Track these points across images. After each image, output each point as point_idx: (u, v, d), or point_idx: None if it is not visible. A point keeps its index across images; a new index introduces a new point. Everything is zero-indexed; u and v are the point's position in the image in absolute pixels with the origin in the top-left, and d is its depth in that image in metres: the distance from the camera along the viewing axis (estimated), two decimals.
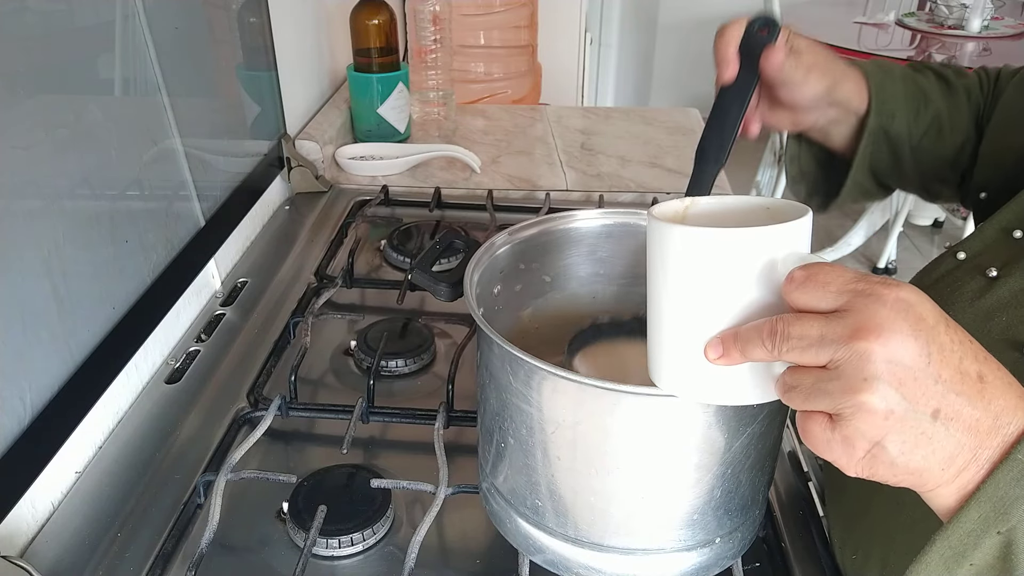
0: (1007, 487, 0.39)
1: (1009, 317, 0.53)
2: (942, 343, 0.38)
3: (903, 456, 0.39)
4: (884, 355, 0.37)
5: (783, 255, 0.42)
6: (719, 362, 0.43)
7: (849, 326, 0.38)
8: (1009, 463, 0.39)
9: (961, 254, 0.59)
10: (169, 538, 0.64)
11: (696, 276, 0.43)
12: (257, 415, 0.76)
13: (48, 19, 0.65)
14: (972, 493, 0.39)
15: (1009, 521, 0.39)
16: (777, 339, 0.40)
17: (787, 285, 0.40)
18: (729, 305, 0.43)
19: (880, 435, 0.38)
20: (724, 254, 0.42)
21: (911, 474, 0.40)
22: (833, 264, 0.40)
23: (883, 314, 0.38)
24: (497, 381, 0.53)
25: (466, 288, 0.55)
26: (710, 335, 0.43)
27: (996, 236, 0.57)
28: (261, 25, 1.08)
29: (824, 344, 0.39)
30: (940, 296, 0.57)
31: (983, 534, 0.39)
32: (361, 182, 1.27)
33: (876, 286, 0.38)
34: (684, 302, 0.44)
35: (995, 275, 0.55)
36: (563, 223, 0.64)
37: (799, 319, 0.40)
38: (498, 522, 0.60)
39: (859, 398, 0.38)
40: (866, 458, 0.39)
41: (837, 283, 0.39)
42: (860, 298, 0.38)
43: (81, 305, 0.68)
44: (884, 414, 0.38)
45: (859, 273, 0.39)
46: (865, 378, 0.38)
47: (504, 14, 1.73)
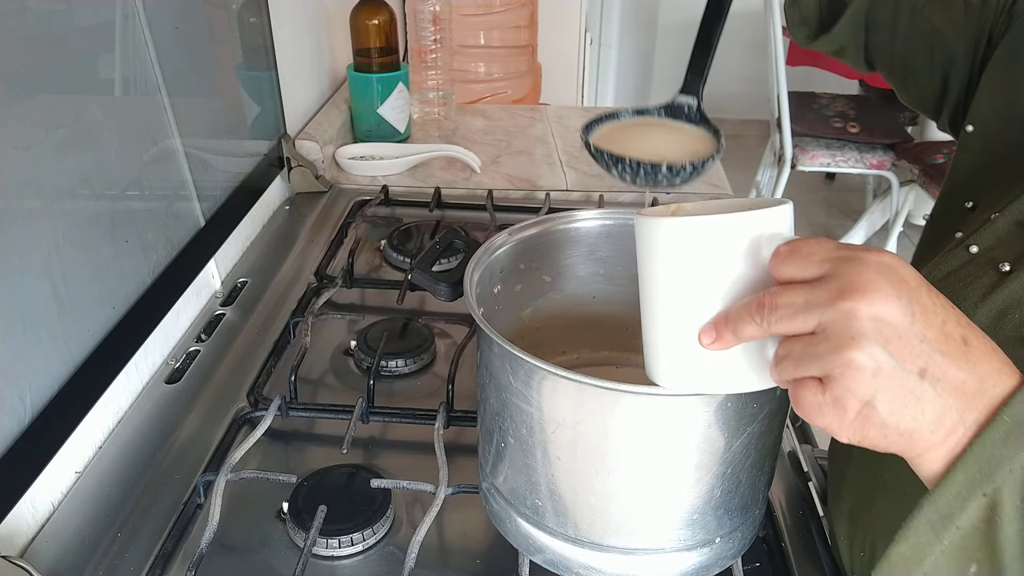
0: (992, 448, 0.39)
1: (1022, 314, 0.52)
2: (925, 304, 0.39)
3: (893, 416, 0.39)
4: (869, 313, 0.38)
5: (767, 239, 0.43)
6: (714, 346, 0.43)
7: (833, 289, 0.39)
8: (995, 425, 0.39)
9: (974, 247, 0.57)
10: (169, 538, 0.64)
11: (685, 265, 0.44)
12: (257, 415, 0.76)
13: (48, 19, 0.65)
14: (959, 456, 0.40)
15: (994, 482, 0.39)
16: (765, 311, 0.41)
17: (773, 260, 0.41)
18: (719, 291, 0.44)
19: (869, 394, 0.39)
20: (710, 241, 0.43)
21: (901, 435, 0.40)
22: (815, 237, 0.41)
23: (866, 275, 0.38)
24: (497, 381, 0.53)
25: (466, 288, 0.55)
26: (703, 322, 0.44)
27: (1010, 229, 0.56)
28: (261, 25, 1.08)
29: (811, 309, 0.39)
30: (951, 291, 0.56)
31: (969, 496, 0.40)
32: (361, 182, 1.27)
33: (858, 251, 0.40)
34: (675, 294, 0.45)
35: (1008, 269, 0.54)
36: (563, 223, 0.64)
37: (785, 289, 0.41)
38: (498, 522, 0.60)
39: (847, 355, 0.38)
40: (857, 419, 0.40)
41: (820, 252, 0.40)
42: (843, 263, 0.39)
43: (81, 305, 0.68)
44: (872, 371, 0.38)
45: (842, 243, 0.41)
46: (852, 336, 0.38)
47: (504, 14, 1.73)
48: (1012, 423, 0.39)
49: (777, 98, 2.62)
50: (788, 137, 2.64)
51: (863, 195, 3.23)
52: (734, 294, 0.43)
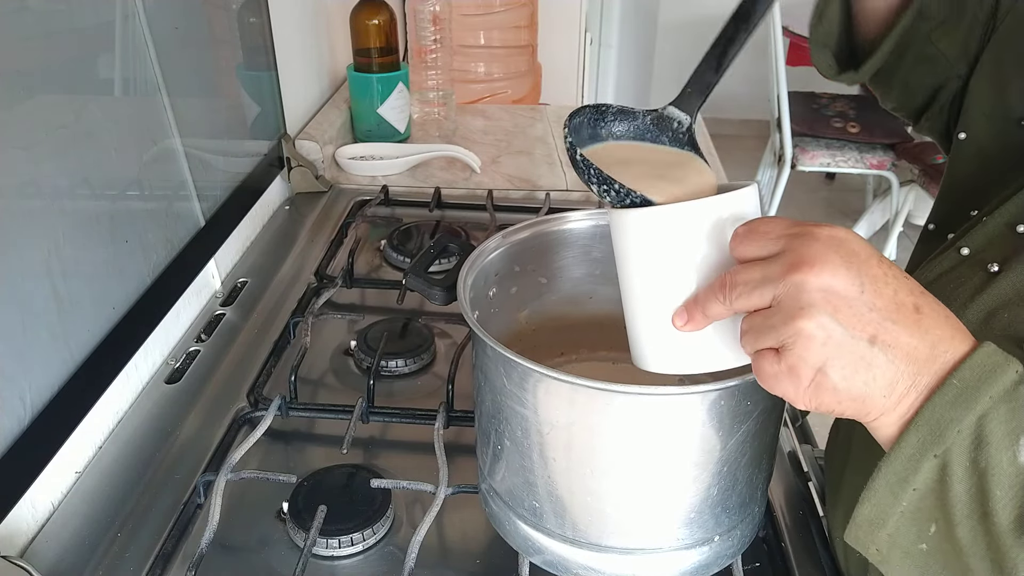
0: (942, 410, 0.40)
1: (1011, 314, 0.53)
2: (875, 275, 0.41)
3: (845, 382, 0.41)
4: (817, 284, 0.40)
5: (731, 221, 0.45)
6: (687, 328, 0.46)
7: (785, 263, 0.41)
8: (945, 388, 0.40)
9: (965, 249, 0.58)
10: (169, 538, 0.64)
11: (654, 253, 0.47)
12: (257, 415, 0.76)
13: (48, 19, 0.65)
14: (911, 419, 0.41)
15: (944, 443, 0.41)
16: (727, 290, 0.43)
17: (732, 241, 0.44)
18: (688, 275, 0.46)
19: (821, 360, 0.41)
20: (676, 228, 0.46)
21: (854, 400, 0.41)
22: (773, 216, 0.43)
23: (816, 248, 0.40)
24: (492, 384, 0.53)
25: (459, 293, 0.55)
26: (675, 307, 0.46)
27: (1000, 230, 0.57)
28: (261, 25, 1.08)
29: (766, 283, 0.42)
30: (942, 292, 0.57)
31: (922, 458, 0.41)
32: (361, 182, 1.27)
33: (810, 226, 0.42)
34: (648, 280, 0.47)
35: (996, 270, 0.55)
36: (556, 225, 0.64)
37: (744, 267, 0.43)
38: (497, 523, 0.60)
39: (797, 324, 0.40)
40: (811, 386, 0.41)
41: (775, 230, 0.42)
42: (795, 239, 0.41)
43: (81, 305, 0.69)
44: (822, 340, 0.40)
45: (796, 221, 0.42)
46: (801, 306, 0.40)
47: (504, 14, 1.73)
48: (961, 387, 0.40)
49: (777, 98, 2.62)
50: (788, 137, 2.64)
51: (863, 195, 3.23)
52: (704, 277, 0.46)
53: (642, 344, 0.49)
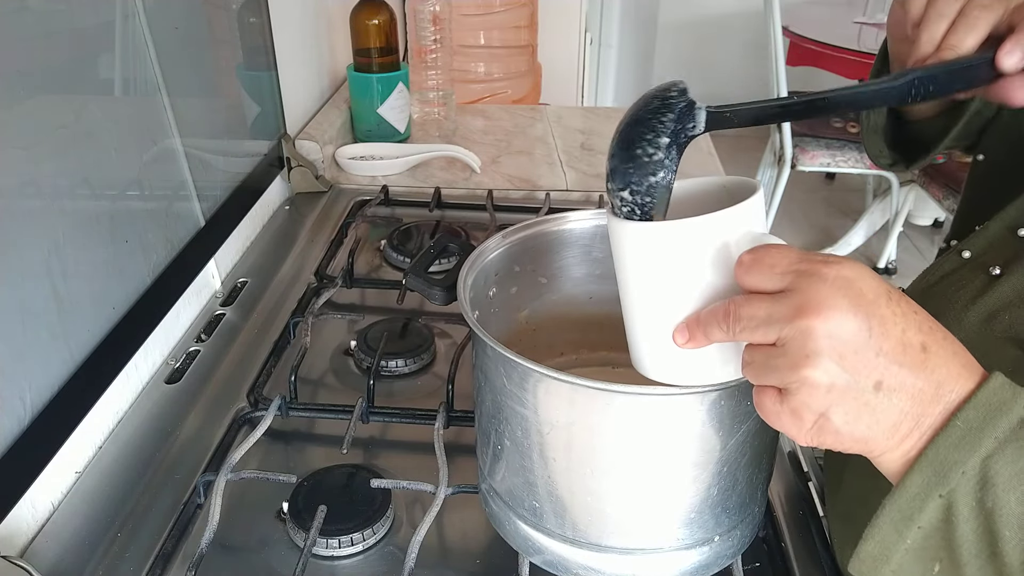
0: (946, 452, 0.40)
1: (1012, 316, 0.53)
2: (883, 316, 0.40)
3: (847, 426, 0.41)
4: (824, 331, 0.39)
5: (735, 238, 0.43)
6: (687, 346, 0.45)
7: (792, 305, 0.40)
8: (949, 430, 0.40)
9: (966, 252, 0.59)
10: (169, 538, 0.64)
11: (655, 268, 0.45)
12: (257, 415, 0.76)
13: (48, 19, 0.65)
14: (915, 459, 0.41)
15: (949, 484, 0.40)
16: (731, 320, 0.42)
17: (737, 269, 0.43)
18: (690, 291, 0.45)
19: (824, 407, 0.40)
20: (678, 245, 0.44)
21: (856, 442, 0.42)
22: (780, 245, 0.42)
23: (824, 291, 0.40)
24: (492, 384, 0.53)
25: (460, 293, 0.55)
26: (676, 321, 0.45)
27: (1002, 234, 0.57)
28: (261, 25, 1.08)
29: (771, 323, 0.41)
30: (943, 295, 0.57)
31: (927, 497, 0.41)
32: (361, 182, 1.27)
33: (817, 265, 0.40)
34: (649, 293, 0.46)
35: (998, 273, 0.55)
36: (556, 225, 0.64)
37: (748, 301, 0.42)
38: (497, 523, 0.60)
39: (803, 373, 0.40)
40: (813, 428, 0.41)
41: (782, 264, 0.41)
42: (802, 278, 0.40)
43: (81, 305, 0.69)
44: (827, 387, 0.40)
45: (804, 253, 0.41)
46: (807, 354, 0.40)
47: (504, 14, 1.73)
48: (964, 428, 0.40)
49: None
50: (788, 137, 2.64)
51: (863, 195, 3.23)
52: (705, 293, 0.45)
53: (641, 353, 0.49)
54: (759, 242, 0.43)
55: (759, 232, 0.44)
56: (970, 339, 0.43)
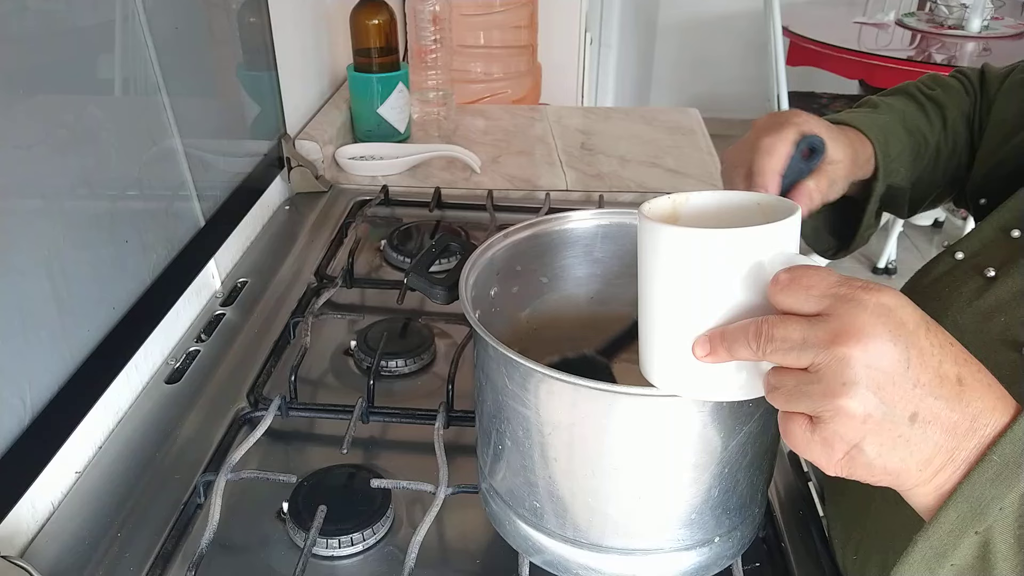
0: (983, 488, 0.39)
1: (1008, 317, 0.53)
2: (922, 347, 0.39)
3: (880, 458, 0.40)
4: (863, 360, 0.38)
5: (770, 256, 0.42)
6: (707, 360, 0.43)
7: (830, 331, 0.39)
8: (985, 464, 0.39)
9: (959, 254, 0.59)
10: (169, 538, 0.64)
11: (685, 275, 0.44)
12: (257, 415, 0.76)
13: (48, 19, 0.65)
14: (950, 493, 0.40)
15: (986, 521, 0.39)
16: (762, 340, 0.41)
17: (772, 287, 0.41)
18: (717, 304, 0.43)
19: (858, 438, 0.39)
20: (713, 254, 0.43)
21: (888, 474, 0.40)
22: (818, 267, 0.41)
23: (863, 319, 0.38)
24: (493, 383, 0.53)
25: (461, 292, 0.55)
26: (698, 333, 0.44)
27: (994, 236, 0.57)
28: (261, 25, 1.08)
29: (806, 348, 0.39)
30: (938, 296, 0.57)
31: (962, 534, 0.40)
32: (361, 182, 1.27)
33: (858, 291, 0.39)
34: (673, 300, 0.45)
35: (993, 275, 0.55)
36: (558, 224, 0.64)
37: (783, 321, 0.40)
38: (497, 523, 0.60)
39: (838, 402, 0.39)
40: (844, 459, 0.40)
41: (820, 287, 0.40)
42: (842, 303, 0.39)
43: (81, 305, 0.69)
44: (862, 418, 0.39)
45: (843, 277, 0.40)
46: (844, 383, 0.38)
47: (504, 14, 1.73)
48: (1001, 463, 0.39)
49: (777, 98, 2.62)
50: None
51: None
52: (732, 308, 0.43)
53: (654, 359, 0.47)
54: (795, 262, 0.41)
55: (794, 252, 0.43)
56: (966, 341, 0.43)
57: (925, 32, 2.80)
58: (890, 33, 2.85)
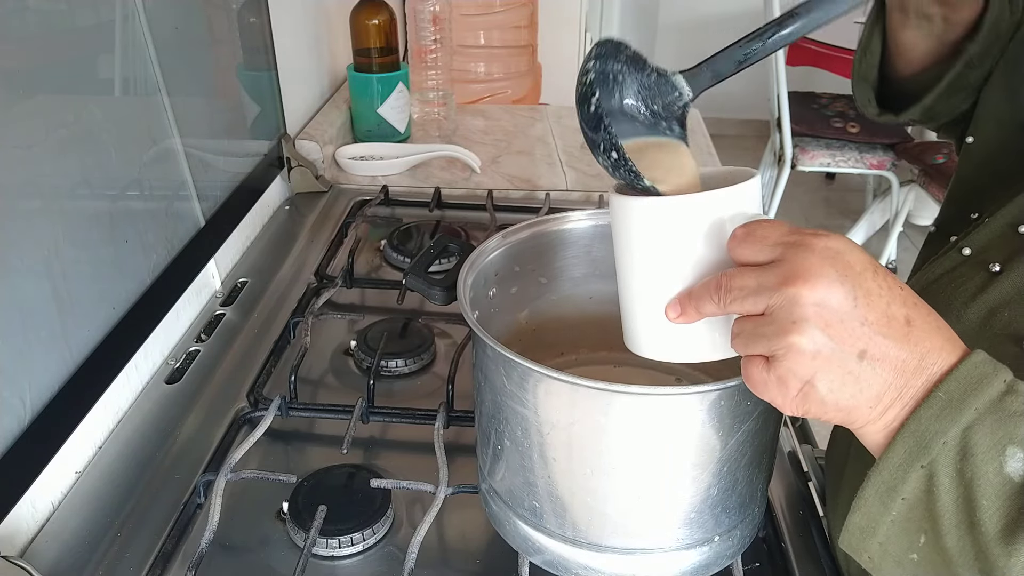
0: (927, 423, 0.41)
1: (1012, 312, 0.53)
2: (869, 288, 0.41)
3: (832, 394, 0.41)
4: (811, 299, 0.40)
5: (731, 215, 0.45)
6: (679, 321, 0.46)
7: (780, 274, 0.41)
8: (930, 401, 0.41)
9: (966, 250, 0.58)
10: (169, 538, 0.64)
11: (653, 243, 0.47)
12: (257, 415, 0.76)
13: (48, 19, 0.65)
14: (897, 430, 0.42)
15: (930, 455, 0.41)
16: (722, 292, 0.43)
17: (730, 242, 0.44)
18: (685, 267, 0.46)
19: (809, 374, 0.41)
20: (677, 220, 0.46)
21: (840, 411, 0.42)
22: (772, 220, 0.43)
23: (811, 261, 0.40)
24: (492, 384, 0.53)
25: (460, 293, 0.55)
26: (670, 297, 0.46)
27: (1002, 231, 0.57)
28: (261, 25, 1.08)
29: (760, 292, 0.42)
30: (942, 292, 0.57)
31: (909, 468, 0.42)
32: (361, 182, 1.27)
33: (807, 237, 0.41)
34: (646, 268, 0.47)
35: (998, 270, 0.55)
36: (555, 225, 0.64)
37: (740, 272, 0.43)
38: (497, 524, 0.60)
39: (789, 339, 0.41)
40: (798, 396, 0.42)
41: (773, 236, 0.42)
42: (792, 248, 0.41)
43: (81, 305, 0.69)
44: (812, 354, 0.41)
45: (794, 227, 0.42)
46: (794, 320, 0.40)
47: (504, 14, 1.73)
48: (946, 399, 0.41)
49: (777, 98, 2.62)
50: (788, 137, 2.64)
51: (863, 195, 3.23)
52: (700, 270, 0.46)
53: (635, 329, 0.50)
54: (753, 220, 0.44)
55: (754, 212, 0.46)
56: (969, 336, 0.43)
57: None
58: None
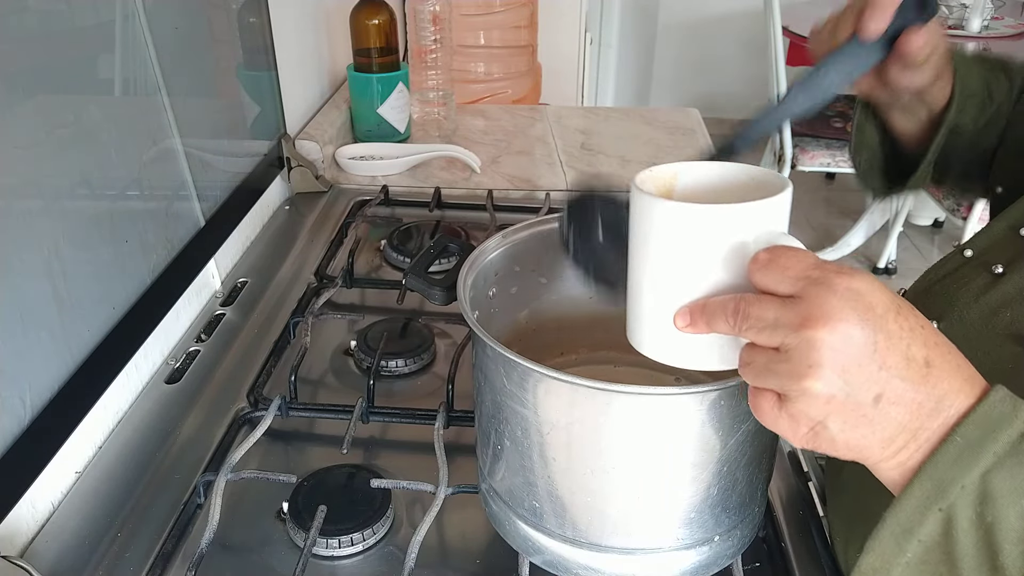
0: (945, 468, 0.40)
1: (1013, 312, 0.53)
2: (890, 331, 0.40)
3: (843, 434, 0.41)
4: (830, 343, 0.39)
5: (755, 234, 0.43)
6: (687, 330, 0.45)
7: (800, 313, 0.40)
8: (948, 445, 0.40)
9: (968, 251, 0.59)
10: (169, 538, 0.64)
11: (671, 247, 0.45)
12: (257, 415, 0.76)
13: (48, 19, 0.65)
14: (914, 471, 0.41)
15: (948, 499, 0.40)
16: (739, 318, 0.42)
17: (752, 266, 0.42)
18: (702, 277, 0.45)
19: (822, 416, 0.41)
20: (701, 229, 0.44)
21: (851, 450, 0.42)
22: (796, 249, 0.42)
23: (832, 303, 0.39)
24: (492, 384, 0.53)
25: (459, 293, 0.55)
26: (681, 304, 0.45)
27: (1004, 233, 0.58)
28: (261, 25, 1.08)
29: (777, 328, 0.41)
30: (946, 292, 0.58)
31: (926, 511, 0.41)
32: (361, 182, 1.27)
33: (830, 274, 0.40)
34: (661, 271, 0.46)
35: (1001, 271, 0.56)
36: (555, 224, 0.64)
37: (759, 301, 0.42)
38: (497, 524, 0.60)
39: (804, 384, 0.40)
40: (809, 433, 0.42)
41: (795, 269, 0.41)
42: (814, 286, 0.40)
43: (81, 305, 0.69)
44: (826, 398, 0.40)
45: (819, 260, 0.41)
46: (810, 364, 0.40)
47: (504, 14, 1.73)
48: (964, 443, 0.40)
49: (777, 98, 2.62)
50: (788, 137, 2.64)
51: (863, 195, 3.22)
52: (716, 283, 0.44)
53: (639, 327, 0.49)
54: (777, 242, 0.42)
55: (779, 231, 0.44)
56: (971, 336, 0.43)
57: None
58: None
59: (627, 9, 2.74)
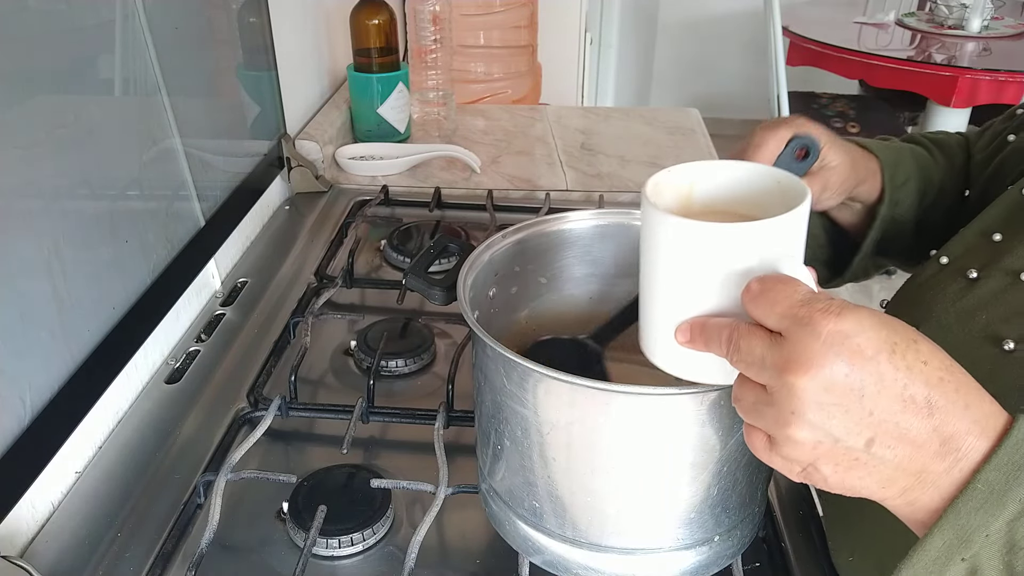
0: (967, 516, 0.39)
1: (988, 315, 0.54)
2: (882, 373, 0.38)
3: (836, 476, 0.40)
4: (811, 390, 0.38)
5: (760, 256, 0.42)
6: (686, 346, 0.45)
7: (783, 357, 0.39)
8: (969, 492, 0.39)
9: (944, 258, 0.61)
10: (169, 538, 0.64)
11: (678, 263, 0.45)
12: (257, 415, 0.76)
13: (48, 19, 0.65)
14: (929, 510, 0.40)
15: (972, 548, 0.39)
16: (731, 347, 0.42)
17: (744, 295, 0.41)
18: (707, 294, 0.44)
19: (811, 460, 0.40)
20: (708, 247, 0.43)
21: (848, 490, 0.41)
22: (788, 281, 0.40)
23: (814, 348, 0.38)
24: (492, 384, 0.53)
25: (459, 293, 0.55)
26: (684, 318, 0.45)
27: (976, 239, 0.60)
28: (261, 25, 1.08)
29: (763, 368, 0.40)
30: (924, 299, 0.60)
31: (948, 561, 0.40)
32: (361, 182, 1.27)
33: (816, 314, 0.38)
34: (667, 284, 0.46)
35: (975, 276, 0.57)
36: (556, 225, 0.64)
37: (750, 334, 0.41)
38: (497, 524, 0.60)
39: (787, 431, 0.39)
40: (802, 473, 0.41)
41: (782, 305, 0.40)
42: (797, 327, 0.39)
43: (81, 305, 0.69)
44: (812, 444, 0.39)
45: (808, 297, 0.39)
46: (792, 412, 0.39)
47: (504, 14, 1.73)
48: (986, 491, 0.38)
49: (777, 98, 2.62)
50: None
51: None
52: (721, 300, 0.44)
53: (650, 338, 0.49)
54: (777, 268, 0.41)
55: (785, 254, 0.42)
56: (950, 340, 0.43)
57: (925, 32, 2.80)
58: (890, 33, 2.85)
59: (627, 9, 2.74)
